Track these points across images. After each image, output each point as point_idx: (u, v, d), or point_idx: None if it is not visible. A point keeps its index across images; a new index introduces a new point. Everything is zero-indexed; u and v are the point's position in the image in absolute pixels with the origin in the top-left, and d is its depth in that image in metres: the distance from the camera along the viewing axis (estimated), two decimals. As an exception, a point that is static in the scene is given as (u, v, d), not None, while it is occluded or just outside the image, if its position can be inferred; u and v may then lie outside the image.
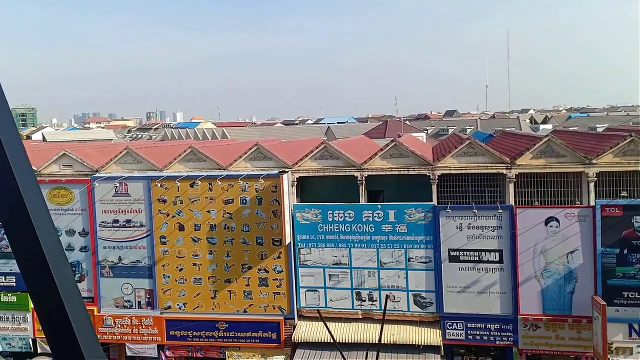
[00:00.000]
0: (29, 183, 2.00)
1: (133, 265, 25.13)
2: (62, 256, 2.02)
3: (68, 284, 1.99)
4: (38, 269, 1.97)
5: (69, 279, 2.01)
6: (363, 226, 23.47)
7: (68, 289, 1.98)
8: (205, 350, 24.78)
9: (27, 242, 1.94)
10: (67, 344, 1.96)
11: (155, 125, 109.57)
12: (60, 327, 1.96)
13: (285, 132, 70.60)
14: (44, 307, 1.99)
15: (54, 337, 1.96)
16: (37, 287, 1.99)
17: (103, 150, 31.37)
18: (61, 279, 1.97)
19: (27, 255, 1.96)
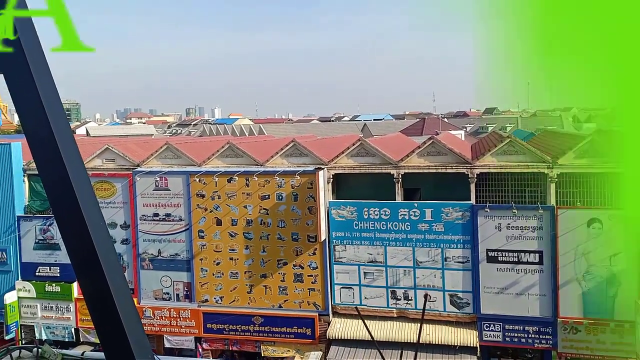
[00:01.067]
0: (81, 178, 2.06)
1: (172, 258, 25.64)
2: (111, 248, 2.08)
3: (117, 277, 2.05)
4: (88, 261, 2.03)
5: (118, 270, 2.07)
6: (399, 224, 23.31)
7: (117, 281, 2.04)
8: (240, 344, 25.10)
9: (78, 235, 2.00)
10: (116, 334, 2.01)
11: (194, 121, 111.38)
12: (108, 317, 2.02)
13: (321, 128, 70.68)
14: (92, 298, 2.05)
15: (102, 326, 2.03)
16: (87, 280, 2.05)
17: (144, 145, 32.08)
18: (110, 272, 2.03)
19: (78, 247, 2.02)
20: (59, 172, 1.96)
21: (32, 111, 1.99)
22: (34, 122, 1.99)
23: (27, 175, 28.29)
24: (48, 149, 1.99)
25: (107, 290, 1.96)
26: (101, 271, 1.97)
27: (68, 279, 26.92)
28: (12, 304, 26.87)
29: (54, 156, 1.98)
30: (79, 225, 1.98)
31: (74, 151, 2.05)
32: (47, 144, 1.99)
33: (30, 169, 28.19)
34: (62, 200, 1.99)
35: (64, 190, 1.98)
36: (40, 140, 2.00)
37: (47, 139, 1.98)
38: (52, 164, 1.97)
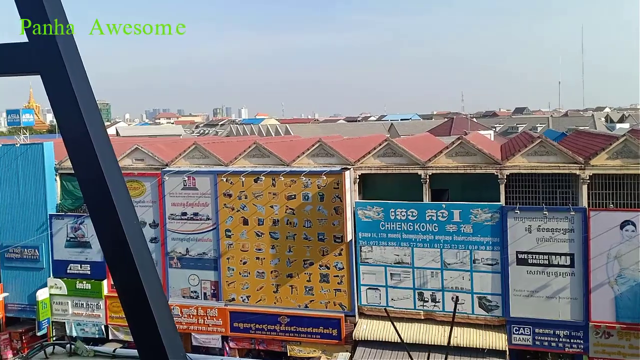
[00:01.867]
0: (116, 177, 2.06)
1: (199, 257, 25.89)
2: (145, 246, 2.08)
3: (150, 275, 2.04)
4: (122, 259, 2.03)
5: (152, 269, 2.07)
6: (426, 225, 23.10)
7: (150, 280, 2.04)
8: (267, 343, 25.20)
9: (113, 233, 2.00)
10: (149, 332, 2.01)
11: (221, 121, 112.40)
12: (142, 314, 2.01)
13: (347, 128, 70.54)
14: (126, 296, 2.05)
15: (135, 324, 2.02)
16: (121, 278, 2.05)
17: (172, 145, 32.47)
18: (144, 270, 2.02)
19: (112, 245, 2.02)
20: (95, 172, 1.97)
21: (68, 111, 1.99)
22: (70, 122, 1.99)
23: (59, 174, 28.90)
24: (84, 148, 1.99)
25: (141, 288, 1.96)
26: (135, 269, 1.97)
27: (98, 276, 27.42)
28: (44, 301, 27.48)
29: (90, 155, 1.98)
30: (114, 223, 1.97)
31: (108, 150, 2.05)
32: (82, 143, 1.99)
33: (62, 168, 28.80)
34: (97, 198, 1.99)
35: (99, 189, 1.98)
36: (76, 139, 2.00)
37: (83, 139, 1.98)
38: (88, 163, 1.97)
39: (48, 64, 2.09)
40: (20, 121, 30.66)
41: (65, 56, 2.08)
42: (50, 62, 2.08)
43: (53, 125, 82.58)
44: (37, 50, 2.08)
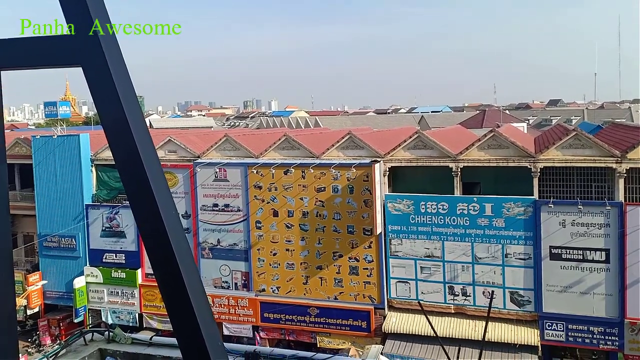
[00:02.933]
0: (155, 168, 2.10)
1: (230, 248, 26.21)
2: (183, 236, 2.12)
3: (189, 264, 2.08)
4: (161, 247, 2.07)
5: (190, 258, 2.11)
6: (457, 219, 22.86)
7: (189, 268, 2.08)
8: (296, 334, 25.40)
9: (153, 223, 2.05)
10: (187, 320, 2.05)
11: (251, 114, 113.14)
12: (180, 302, 2.06)
13: (377, 121, 70.15)
14: (165, 284, 2.09)
15: (174, 311, 2.07)
16: (160, 266, 2.10)
17: (204, 137, 32.85)
18: (183, 259, 2.06)
19: (151, 234, 2.07)
20: (134, 162, 2.02)
21: (109, 102, 2.04)
22: (111, 113, 2.04)
23: (95, 166, 29.57)
24: (124, 139, 2.04)
25: (180, 277, 2.01)
26: (174, 258, 2.01)
27: (133, 265, 28.04)
28: (80, 289, 28.27)
29: (130, 146, 2.03)
30: (153, 213, 2.02)
31: (148, 141, 2.10)
32: (122, 134, 2.04)
33: (97, 159, 29.46)
34: (136, 188, 2.04)
35: (139, 179, 2.03)
36: (116, 130, 2.05)
37: (123, 129, 2.03)
38: (128, 154, 2.02)
39: (89, 56, 2.13)
40: (58, 113, 31.46)
41: (105, 49, 2.13)
42: (92, 55, 2.13)
43: (89, 117, 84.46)
44: (79, 43, 2.13)
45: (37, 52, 2.17)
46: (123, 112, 2.03)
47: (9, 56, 2.25)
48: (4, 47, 2.27)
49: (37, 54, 2.17)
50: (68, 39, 2.06)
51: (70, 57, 2.08)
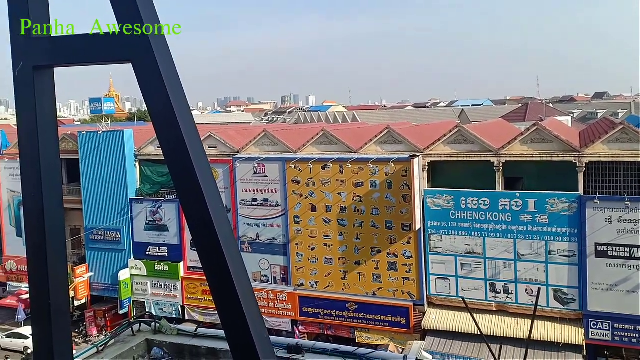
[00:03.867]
0: (202, 162, 2.13)
1: (269, 242, 26.46)
2: (229, 228, 2.15)
3: (235, 257, 2.11)
4: (209, 240, 2.10)
5: (236, 250, 2.13)
6: (499, 215, 22.43)
7: (236, 261, 2.10)
8: (335, 329, 25.46)
9: (200, 216, 2.08)
10: (234, 312, 2.07)
11: (289, 109, 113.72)
12: (228, 294, 2.09)
13: (416, 115, 69.40)
14: (213, 277, 2.12)
15: (222, 304, 2.09)
16: (208, 259, 2.13)
17: (243, 132, 33.19)
18: (229, 251, 2.09)
19: (199, 226, 2.10)
20: (183, 156, 2.05)
21: (158, 98, 2.08)
22: (160, 108, 2.08)
23: (138, 161, 30.28)
24: (172, 133, 2.08)
25: (227, 269, 2.04)
26: (221, 251, 2.04)
27: (175, 259, 28.64)
28: (125, 281, 29.04)
29: (178, 140, 2.07)
30: (201, 206, 2.06)
31: (195, 136, 2.14)
32: (171, 129, 2.08)
33: (141, 154, 30.16)
34: (185, 182, 2.08)
35: (187, 173, 2.07)
36: (165, 125, 2.09)
37: (172, 124, 2.07)
38: (176, 148, 2.06)
39: (139, 52, 2.17)
40: (102, 109, 32.27)
41: (154, 45, 2.17)
42: (141, 51, 2.17)
43: (132, 113, 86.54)
44: (129, 40, 2.18)
45: (89, 49, 2.23)
46: (171, 107, 2.07)
47: (62, 53, 2.32)
48: (57, 45, 2.34)
49: (88, 51, 2.23)
50: (118, 36, 2.11)
51: (121, 54, 2.13)
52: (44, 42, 2.32)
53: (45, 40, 2.32)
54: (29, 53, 2.31)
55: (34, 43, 2.31)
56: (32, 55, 2.31)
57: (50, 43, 2.31)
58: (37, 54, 2.30)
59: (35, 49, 2.30)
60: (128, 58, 2.13)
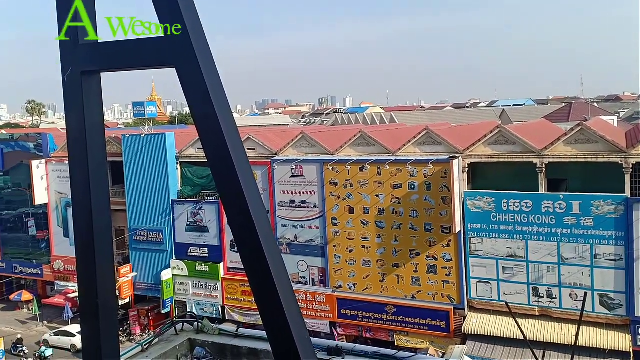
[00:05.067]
0: (244, 164, 2.16)
1: (307, 244, 26.55)
2: (269, 229, 2.16)
3: (276, 257, 2.12)
4: (250, 241, 2.13)
5: (276, 250, 2.15)
6: (542, 217, 21.89)
7: (276, 262, 2.12)
8: (374, 331, 25.32)
9: (241, 216, 2.11)
10: (276, 313, 2.09)
11: (326, 111, 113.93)
12: (269, 296, 2.10)
13: (455, 115, 68.47)
14: (254, 277, 2.14)
15: (263, 304, 2.11)
16: (249, 258, 2.15)
17: (281, 134, 33.43)
18: (270, 252, 2.10)
19: (241, 229, 2.13)
20: (225, 158, 2.09)
21: (201, 101, 2.12)
22: (203, 112, 2.12)
23: (179, 163, 30.87)
24: (215, 136, 2.11)
25: (268, 270, 2.06)
26: (262, 252, 2.06)
27: (216, 259, 29.06)
28: (167, 281, 29.64)
29: (220, 142, 2.10)
30: (242, 208, 2.09)
31: (237, 138, 2.17)
32: (213, 131, 2.12)
33: (182, 156, 30.75)
34: (227, 183, 2.11)
35: (229, 175, 2.10)
36: (208, 127, 2.13)
37: (214, 127, 2.11)
38: (218, 150, 2.10)
39: (182, 57, 2.22)
40: (145, 113, 33.06)
41: (197, 50, 2.21)
42: (184, 56, 2.21)
43: (173, 116, 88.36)
44: (173, 45, 2.22)
45: (134, 54, 2.29)
46: (214, 111, 2.11)
47: (109, 59, 2.39)
48: (103, 50, 2.41)
49: (133, 56, 2.29)
50: (162, 41, 2.16)
51: (164, 59, 2.18)
52: (91, 48, 2.39)
53: (92, 47, 2.40)
54: (77, 59, 2.40)
55: (82, 49, 2.39)
56: (80, 61, 2.39)
57: (97, 49, 2.39)
58: (84, 59, 2.38)
59: (83, 55, 2.38)
60: (171, 63, 2.18)
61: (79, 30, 2.38)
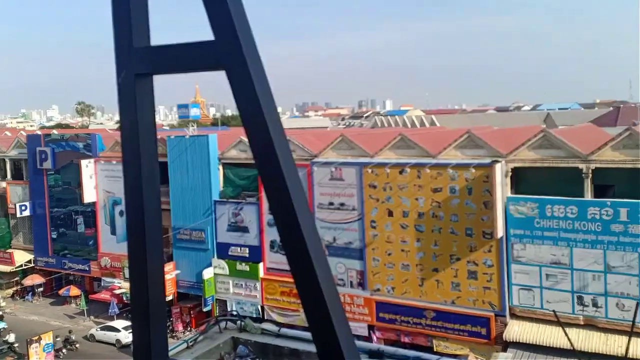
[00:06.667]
0: (290, 166, 2.19)
1: (346, 246, 26.53)
2: (314, 230, 2.19)
3: (321, 259, 2.15)
4: (295, 241, 2.15)
5: (321, 252, 2.18)
6: (588, 224, 21.25)
7: (321, 263, 2.14)
8: (412, 336, 25.08)
9: (287, 217, 2.14)
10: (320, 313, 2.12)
11: (366, 113, 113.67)
12: (314, 294, 2.13)
13: (498, 119, 67.12)
14: (300, 278, 2.17)
15: (308, 304, 2.14)
16: (295, 259, 2.18)
17: (320, 137, 33.53)
18: (315, 254, 2.13)
19: (286, 230, 2.16)
20: (272, 159, 2.11)
21: (250, 104, 2.15)
22: (251, 113, 2.15)
23: (222, 164, 31.37)
24: (263, 138, 2.14)
25: (313, 270, 2.07)
26: (307, 253, 2.08)
27: (255, 259, 29.38)
28: (209, 280, 30.14)
29: (268, 144, 2.13)
30: (288, 209, 2.10)
31: (283, 140, 2.19)
32: (261, 133, 2.14)
33: (224, 157, 31.24)
34: (274, 185, 2.14)
35: (276, 175, 2.13)
36: (256, 130, 2.16)
37: (262, 129, 2.13)
38: (266, 151, 2.12)
39: (232, 60, 2.26)
40: (189, 114, 33.76)
41: (246, 52, 2.24)
42: (234, 59, 2.25)
43: (216, 118, 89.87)
44: (223, 47, 2.27)
45: (186, 57, 2.36)
46: (262, 113, 2.15)
47: (161, 62, 2.47)
48: (156, 54, 2.49)
49: (185, 59, 2.36)
50: (213, 44, 2.22)
51: (215, 61, 2.24)
52: (145, 51, 2.48)
53: (145, 50, 2.49)
54: (131, 62, 2.48)
55: (136, 53, 2.48)
56: (133, 64, 2.48)
57: (150, 52, 2.47)
58: (138, 62, 2.46)
59: (137, 58, 2.47)
60: (222, 66, 2.25)
61: (133, 34, 2.47)
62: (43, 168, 37.38)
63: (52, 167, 37.24)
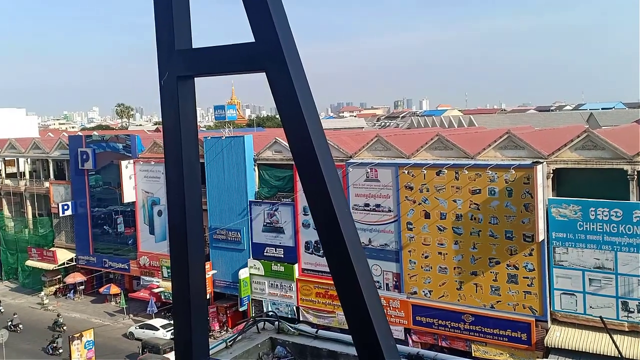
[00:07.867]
0: (329, 166, 2.18)
1: (382, 248, 26.35)
2: (354, 231, 2.17)
3: (361, 260, 2.13)
4: (335, 240, 2.15)
5: (361, 252, 2.16)
6: (633, 227, 20.54)
7: (361, 264, 2.12)
8: (450, 340, 24.71)
9: (327, 216, 2.13)
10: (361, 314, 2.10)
11: (402, 114, 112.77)
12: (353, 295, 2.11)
13: (539, 119, 65.55)
14: (340, 279, 2.16)
15: (347, 304, 2.13)
16: (334, 260, 2.16)
17: (356, 137, 33.42)
18: (355, 254, 2.11)
19: (326, 230, 2.15)
20: (311, 160, 2.12)
21: (289, 104, 2.17)
22: (291, 114, 2.16)
23: (257, 165, 31.64)
24: (302, 138, 2.15)
25: (353, 271, 2.07)
26: (347, 253, 2.07)
27: (291, 260, 29.49)
28: (245, 280, 30.42)
29: (307, 144, 2.14)
30: (328, 209, 2.11)
31: (323, 140, 2.20)
32: (301, 133, 2.15)
33: (259, 158, 31.49)
34: (313, 184, 2.14)
35: (315, 176, 2.13)
36: (296, 130, 2.17)
37: (302, 130, 2.14)
38: (305, 152, 2.13)
39: (273, 61, 2.28)
40: (225, 116, 34.19)
41: (287, 55, 2.26)
42: (275, 61, 2.27)
43: (251, 119, 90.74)
44: (264, 50, 2.29)
45: (227, 59, 2.37)
46: (301, 114, 2.15)
47: (203, 64, 2.49)
48: (198, 56, 2.52)
49: (226, 61, 2.38)
50: (254, 47, 2.22)
51: (256, 64, 2.25)
52: (187, 54, 2.51)
53: (187, 53, 2.52)
54: (173, 64, 2.52)
55: (178, 55, 2.51)
56: (176, 66, 2.51)
57: (191, 55, 2.50)
58: (180, 65, 2.50)
59: (179, 61, 2.50)
60: (262, 68, 2.25)
61: (176, 38, 2.50)
62: (84, 168, 38.39)
63: (93, 168, 38.22)
